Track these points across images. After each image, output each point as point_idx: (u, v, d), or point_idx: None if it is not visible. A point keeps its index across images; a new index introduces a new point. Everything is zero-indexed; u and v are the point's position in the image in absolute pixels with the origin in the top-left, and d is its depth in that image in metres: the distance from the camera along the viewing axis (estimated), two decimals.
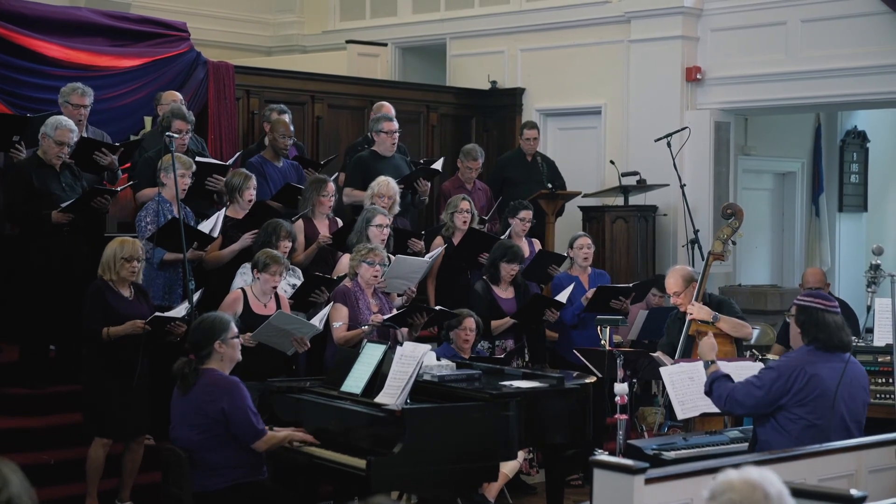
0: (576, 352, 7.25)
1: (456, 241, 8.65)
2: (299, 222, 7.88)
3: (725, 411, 5.80)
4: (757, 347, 7.96)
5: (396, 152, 9.10)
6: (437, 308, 7.41)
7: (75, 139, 7.46)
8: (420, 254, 8.21)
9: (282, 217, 7.67)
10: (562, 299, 8.08)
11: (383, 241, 7.62)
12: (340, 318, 7.03)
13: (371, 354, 6.06)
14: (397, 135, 9.05)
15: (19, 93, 8.50)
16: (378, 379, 5.86)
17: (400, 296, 7.74)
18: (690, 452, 5.74)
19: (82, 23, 9.09)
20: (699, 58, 10.70)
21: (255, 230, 7.50)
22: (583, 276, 8.64)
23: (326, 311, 6.94)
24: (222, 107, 9.53)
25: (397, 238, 8.09)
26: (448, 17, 12.21)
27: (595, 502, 4.39)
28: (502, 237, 8.56)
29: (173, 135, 7.46)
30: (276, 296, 7.01)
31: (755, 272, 12.34)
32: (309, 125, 10.52)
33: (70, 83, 7.95)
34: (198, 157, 7.97)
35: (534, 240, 9.29)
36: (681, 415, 5.99)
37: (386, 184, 8.15)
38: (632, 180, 10.26)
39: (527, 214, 8.94)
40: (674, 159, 9.75)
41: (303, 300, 7.35)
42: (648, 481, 4.24)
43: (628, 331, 8.72)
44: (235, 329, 5.77)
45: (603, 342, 6.78)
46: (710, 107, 10.63)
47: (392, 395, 5.68)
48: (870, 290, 7.46)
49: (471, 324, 7.48)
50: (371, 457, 5.44)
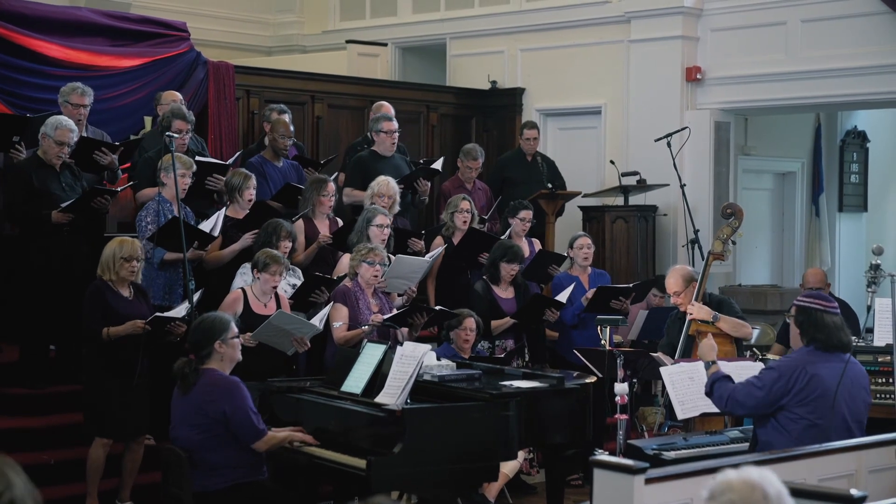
0: (576, 352, 7.25)
1: (456, 240, 8.65)
2: (299, 222, 7.88)
3: (726, 412, 5.80)
4: (757, 347, 7.96)
5: (396, 152, 9.10)
6: (437, 308, 7.41)
7: (75, 139, 7.46)
8: (420, 253, 8.21)
9: (282, 217, 7.67)
10: (562, 299, 8.08)
11: (384, 240, 7.61)
12: (340, 318, 7.03)
13: (371, 354, 6.06)
14: (397, 135, 9.04)
15: (19, 93, 8.50)
16: (378, 379, 5.86)
17: (400, 296, 7.74)
18: (690, 452, 5.74)
19: (82, 23, 9.09)
20: (699, 58, 10.70)
21: (256, 230, 7.51)
22: (583, 276, 8.64)
23: (326, 310, 6.94)
24: (222, 107, 9.52)
25: (397, 238, 8.09)
26: (448, 17, 12.21)
27: (595, 502, 4.39)
28: (502, 237, 8.56)
29: (173, 135, 7.46)
30: (276, 296, 7.01)
31: (755, 272, 12.34)
32: (309, 125, 10.51)
33: (70, 83, 7.96)
34: (198, 157, 7.97)
35: (534, 240, 9.29)
36: (681, 415, 5.99)
37: (386, 183, 8.15)
38: (632, 180, 10.26)
39: (527, 214, 8.94)
40: (674, 159, 9.74)
41: (303, 300, 7.35)
42: (648, 481, 4.24)
43: (628, 331, 8.72)
44: (236, 329, 5.77)
45: (603, 342, 6.78)
46: (710, 107, 10.63)
47: (392, 395, 5.68)
48: (870, 290, 7.46)
49: (471, 324, 7.48)
50: (371, 457, 5.44)
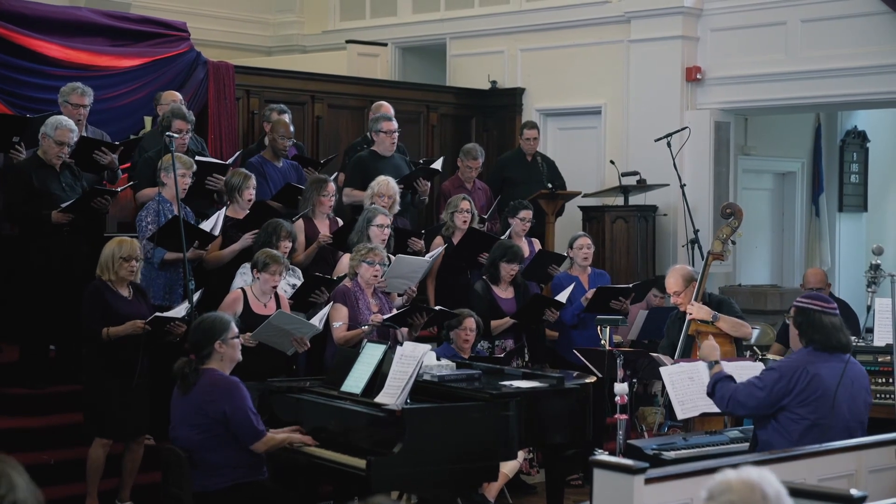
0: (576, 352, 7.25)
1: (456, 240, 8.65)
2: (300, 222, 7.88)
3: (727, 412, 5.80)
4: (757, 347, 7.95)
5: (396, 152, 9.10)
6: (437, 308, 7.41)
7: (75, 139, 7.46)
8: (420, 253, 8.21)
9: (282, 217, 7.67)
10: (561, 299, 8.08)
11: (384, 240, 7.61)
12: (340, 318, 7.03)
13: (371, 354, 6.05)
14: (397, 134, 9.04)
15: (19, 93, 8.50)
16: (378, 379, 5.86)
17: (400, 295, 7.74)
18: (690, 452, 5.74)
19: (82, 23, 9.09)
20: (699, 58, 10.69)
21: (256, 230, 7.51)
22: (583, 276, 8.64)
23: (326, 310, 6.94)
24: (222, 107, 9.52)
25: (397, 238, 8.09)
26: (448, 17, 12.21)
27: (595, 502, 4.39)
28: (502, 237, 8.56)
29: (173, 135, 7.46)
30: (276, 296, 7.01)
31: (755, 272, 12.34)
32: (309, 125, 10.51)
33: (70, 83, 7.96)
34: (198, 157, 7.97)
35: (534, 240, 9.29)
36: (681, 415, 5.99)
37: (386, 183, 8.15)
38: (632, 180, 10.25)
39: (527, 214, 8.94)
40: (674, 159, 9.74)
41: (303, 300, 7.35)
42: (648, 481, 4.24)
43: (628, 331, 8.72)
44: (236, 329, 5.77)
45: (603, 342, 6.78)
46: (710, 107, 10.63)
47: (392, 395, 5.68)
48: (870, 290, 7.45)
49: (471, 324, 7.47)
50: (371, 457, 5.43)
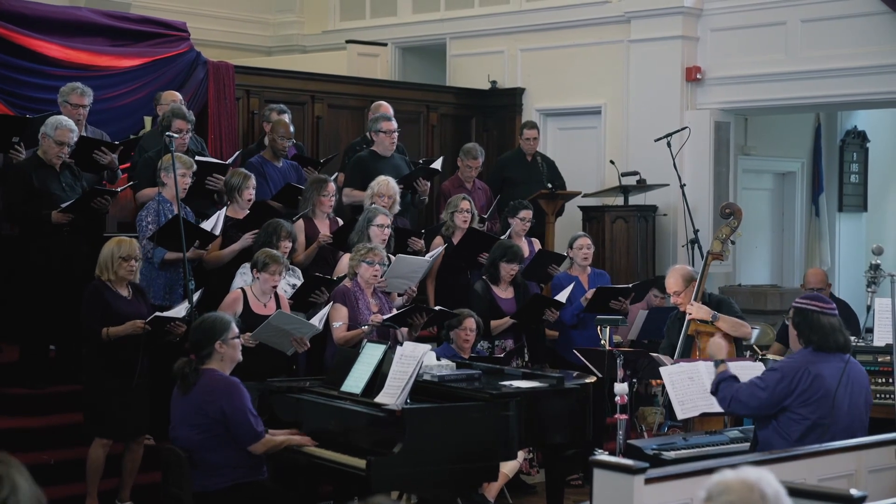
0: (576, 352, 7.25)
1: (456, 240, 8.65)
2: (300, 222, 7.88)
3: (729, 412, 5.80)
4: (757, 347, 7.95)
5: (395, 152, 9.10)
6: (437, 308, 7.41)
7: (75, 139, 7.46)
8: (420, 253, 8.21)
9: (282, 217, 7.67)
10: (561, 299, 8.08)
11: (384, 240, 7.61)
12: (340, 318, 7.03)
13: (371, 354, 6.05)
14: (396, 134, 9.04)
15: (19, 93, 8.50)
16: (378, 379, 5.86)
17: (400, 295, 7.74)
18: (690, 452, 5.73)
19: (82, 23, 9.09)
20: (699, 58, 10.69)
21: (256, 230, 7.51)
22: (582, 276, 8.64)
23: (326, 310, 6.94)
24: (222, 107, 9.52)
25: (397, 237, 8.09)
26: (448, 17, 12.21)
27: (595, 502, 4.39)
28: (502, 237, 8.56)
29: (173, 135, 7.46)
30: (276, 296, 7.01)
31: (755, 272, 12.34)
32: (309, 125, 10.51)
33: (69, 83, 7.96)
34: (198, 157, 7.97)
35: (533, 239, 9.29)
36: (681, 415, 5.99)
37: (386, 183, 8.15)
38: (632, 180, 10.25)
39: (527, 214, 8.94)
40: (674, 159, 9.74)
41: (303, 300, 7.35)
42: (648, 481, 4.25)
43: (628, 331, 8.72)
44: (236, 329, 5.76)
45: (603, 342, 6.78)
46: (710, 107, 10.63)
47: (392, 395, 5.68)
48: (870, 290, 7.45)
49: (471, 324, 7.47)
50: (371, 457, 5.43)
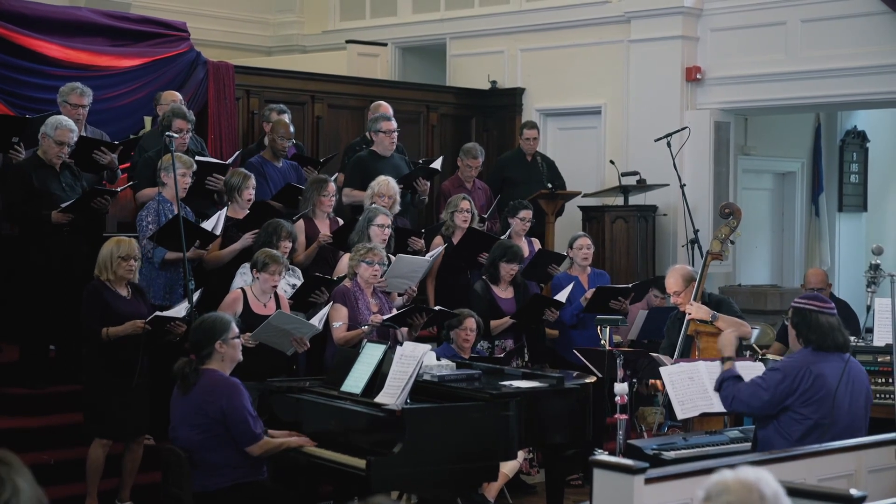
0: (576, 352, 7.25)
1: (456, 240, 8.65)
2: (300, 222, 7.88)
3: (731, 411, 5.80)
4: (757, 347, 7.94)
5: (395, 152, 9.10)
6: (437, 308, 7.41)
7: (75, 139, 7.46)
8: (420, 252, 8.21)
9: (282, 217, 7.66)
10: (561, 299, 8.08)
11: (384, 240, 7.61)
12: (340, 318, 7.03)
13: (371, 354, 6.05)
14: (396, 134, 9.04)
15: (19, 93, 8.50)
16: (378, 379, 5.86)
17: (401, 295, 7.74)
18: (690, 452, 5.73)
19: (82, 23, 9.10)
20: (699, 58, 10.70)
21: (256, 230, 7.51)
22: (582, 276, 8.65)
23: (326, 310, 6.94)
24: (222, 107, 9.53)
25: (397, 237, 8.09)
26: (448, 17, 12.21)
27: (595, 502, 4.39)
28: (502, 237, 8.56)
29: (173, 134, 7.46)
30: (276, 296, 7.01)
31: (755, 272, 12.34)
32: (309, 125, 10.51)
33: (69, 83, 7.96)
34: (198, 157, 7.97)
35: (533, 239, 9.29)
36: (681, 415, 5.98)
37: (386, 183, 8.15)
38: (632, 180, 10.26)
39: (527, 214, 8.94)
40: (674, 159, 9.74)
41: (303, 300, 7.35)
42: (648, 481, 4.25)
43: (628, 331, 8.72)
44: (236, 329, 5.76)
45: (603, 342, 6.77)
46: (709, 107, 10.63)
47: (392, 395, 5.68)
48: (870, 290, 7.45)
49: (471, 324, 7.47)
50: (371, 457, 5.43)
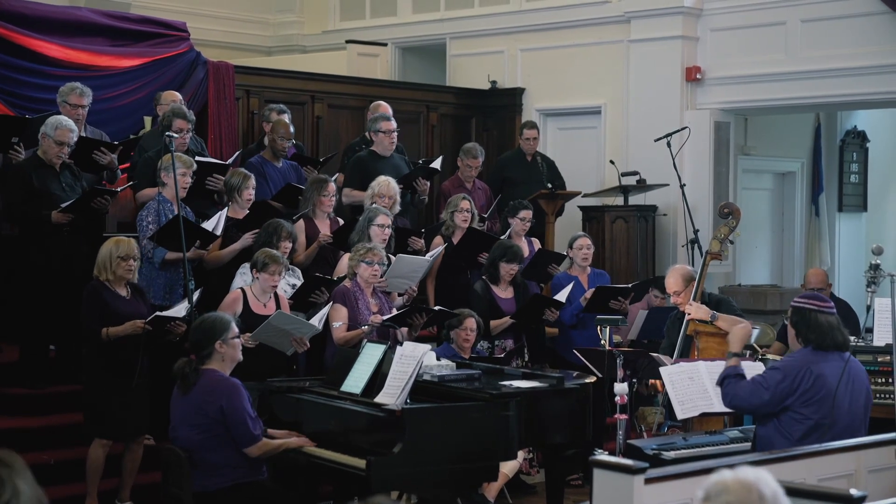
0: (576, 352, 7.25)
1: (456, 240, 8.65)
2: (300, 222, 7.88)
3: (731, 408, 5.80)
4: (757, 346, 7.94)
5: (395, 152, 9.10)
6: (437, 308, 7.41)
7: (75, 139, 7.46)
8: (420, 252, 8.22)
9: (282, 217, 7.66)
10: (561, 299, 8.08)
11: (385, 240, 7.61)
12: (340, 318, 7.03)
13: (371, 354, 6.05)
14: (395, 134, 9.04)
15: (19, 93, 8.50)
16: (378, 379, 5.86)
17: (401, 295, 7.74)
18: (690, 452, 5.73)
19: (82, 23, 9.10)
20: (699, 58, 10.70)
21: (256, 230, 7.51)
22: (582, 276, 8.65)
23: (326, 311, 6.94)
24: (222, 107, 9.53)
25: (397, 237, 8.09)
26: (448, 17, 12.21)
27: (595, 502, 4.39)
28: (502, 237, 8.56)
29: (173, 134, 7.46)
30: (276, 296, 7.01)
31: (755, 272, 12.34)
32: (309, 125, 10.51)
33: (69, 83, 7.96)
34: (198, 157, 7.97)
35: (533, 239, 9.29)
36: (680, 415, 5.98)
37: (386, 183, 8.15)
38: (632, 180, 10.26)
39: (527, 214, 8.94)
40: (673, 159, 9.74)
41: (303, 300, 7.35)
42: (648, 481, 4.25)
43: (628, 331, 8.72)
44: (236, 329, 5.76)
45: (603, 342, 6.77)
46: (709, 107, 10.63)
47: (392, 395, 5.68)
48: (870, 290, 7.44)
49: (472, 324, 7.47)
50: (371, 457, 5.44)
